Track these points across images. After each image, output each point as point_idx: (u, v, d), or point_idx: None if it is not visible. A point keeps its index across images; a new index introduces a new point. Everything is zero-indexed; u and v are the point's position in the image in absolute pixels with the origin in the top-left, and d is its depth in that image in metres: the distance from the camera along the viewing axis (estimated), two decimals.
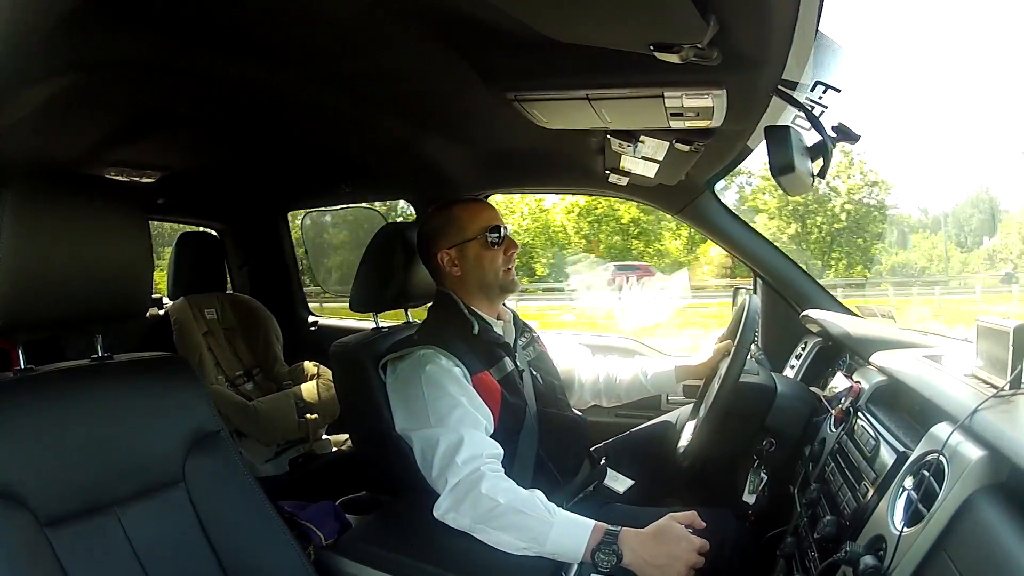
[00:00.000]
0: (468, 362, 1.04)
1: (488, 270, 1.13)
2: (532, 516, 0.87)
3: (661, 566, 0.84)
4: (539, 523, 0.86)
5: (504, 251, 1.14)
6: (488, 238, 1.13)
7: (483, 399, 1.02)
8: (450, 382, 1.00)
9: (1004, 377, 0.69)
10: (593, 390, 1.36)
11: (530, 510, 0.88)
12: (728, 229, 1.54)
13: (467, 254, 1.13)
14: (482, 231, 1.13)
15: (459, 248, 1.13)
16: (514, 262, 1.17)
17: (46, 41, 0.66)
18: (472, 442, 0.94)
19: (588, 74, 0.87)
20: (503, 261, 1.14)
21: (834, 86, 0.78)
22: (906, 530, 0.63)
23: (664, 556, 0.84)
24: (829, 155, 0.80)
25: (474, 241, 1.13)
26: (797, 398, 1.15)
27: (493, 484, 0.90)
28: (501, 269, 1.14)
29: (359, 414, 1.18)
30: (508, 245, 1.15)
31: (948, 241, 10.64)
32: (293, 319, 2.32)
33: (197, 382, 0.88)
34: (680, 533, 0.86)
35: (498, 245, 1.14)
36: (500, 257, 1.14)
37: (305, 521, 0.94)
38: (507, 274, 1.15)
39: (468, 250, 1.13)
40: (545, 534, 0.86)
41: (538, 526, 0.86)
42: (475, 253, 1.13)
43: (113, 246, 0.77)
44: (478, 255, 1.13)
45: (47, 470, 0.71)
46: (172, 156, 1.65)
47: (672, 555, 0.84)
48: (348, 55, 0.95)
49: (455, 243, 1.13)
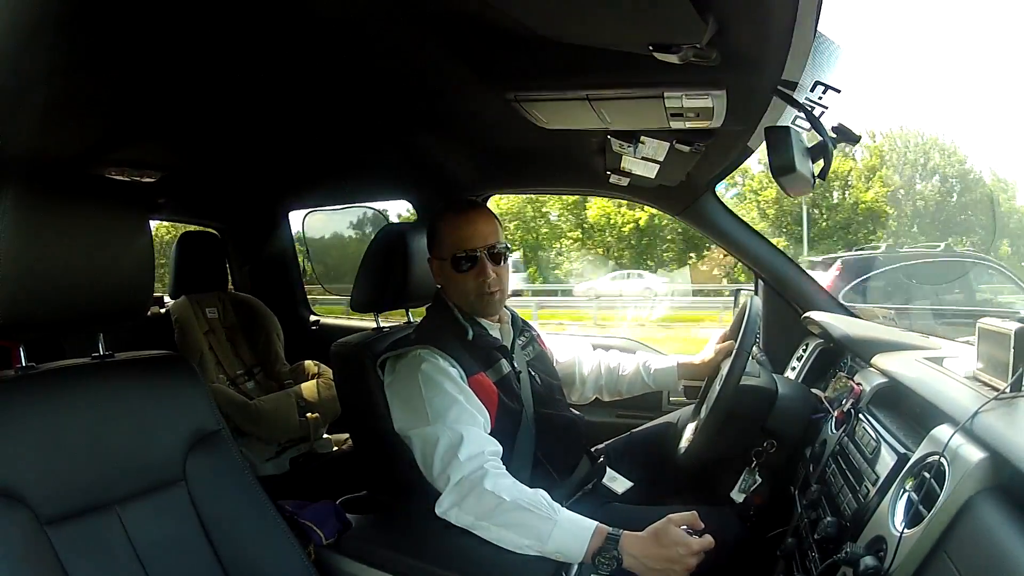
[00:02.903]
0: (464, 363, 1.04)
1: (458, 292, 1.10)
2: (535, 514, 0.87)
3: (661, 570, 0.83)
4: (542, 521, 0.86)
5: (475, 276, 1.07)
6: (454, 260, 1.07)
7: (480, 400, 1.02)
8: (447, 380, 1.00)
9: (1005, 379, 0.69)
10: (595, 384, 1.36)
11: (534, 508, 0.87)
12: (729, 230, 1.53)
13: (443, 271, 1.11)
14: (451, 252, 1.07)
15: (438, 262, 1.12)
16: (488, 288, 1.07)
17: (46, 41, 0.66)
18: (473, 439, 0.94)
19: (588, 74, 0.87)
20: (474, 286, 1.07)
21: (834, 86, 0.78)
22: (907, 531, 0.63)
23: (663, 560, 0.84)
24: (829, 155, 0.80)
25: (445, 261, 1.09)
26: (798, 399, 1.15)
27: (497, 481, 0.90)
28: (471, 294, 1.08)
29: (360, 413, 1.18)
30: (480, 271, 1.07)
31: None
32: (294, 318, 2.32)
33: (198, 381, 0.88)
34: (678, 537, 0.85)
35: (468, 270, 1.07)
36: (469, 281, 1.07)
37: (305, 520, 0.94)
38: (479, 299, 1.08)
39: (443, 267, 1.11)
40: (548, 533, 0.85)
41: (541, 524, 0.86)
42: (448, 272, 1.10)
43: (114, 246, 0.77)
44: (450, 275, 1.09)
45: (48, 468, 0.71)
46: (172, 156, 1.65)
47: (670, 559, 0.84)
48: (348, 55, 0.95)
49: (436, 256, 1.13)
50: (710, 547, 0.86)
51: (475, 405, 1.00)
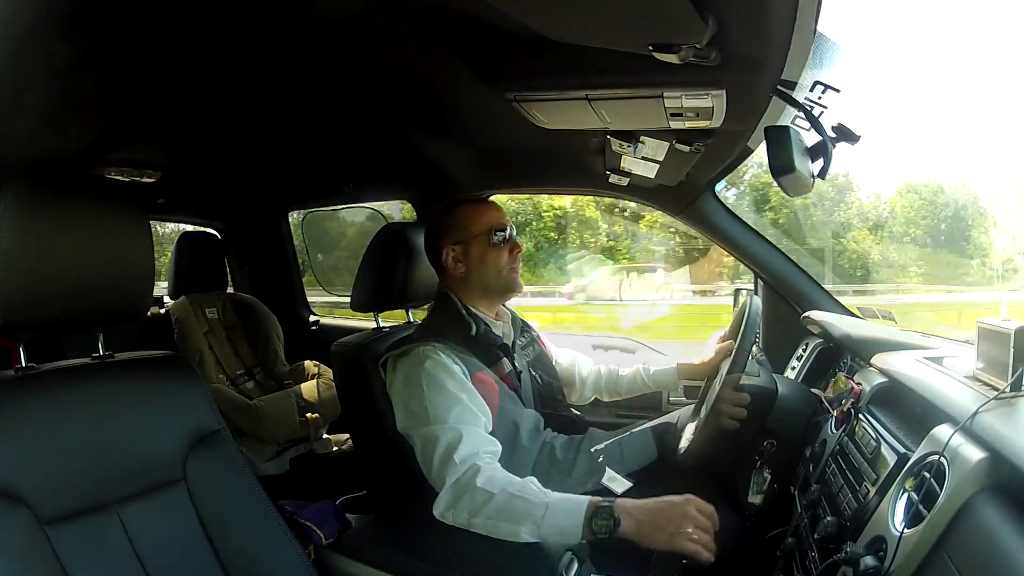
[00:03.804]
0: (467, 361, 1.04)
1: (492, 269, 1.14)
2: (527, 500, 0.86)
3: (662, 529, 0.81)
4: (534, 507, 0.86)
5: (509, 251, 1.15)
6: (493, 237, 1.13)
7: (482, 398, 1.02)
8: (449, 379, 1.00)
9: (1005, 379, 0.69)
10: (595, 385, 1.36)
11: (524, 494, 0.87)
12: (729, 230, 1.53)
13: (471, 252, 1.14)
14: (487, 230, 1.13)
15: (464, 245, 1.14)
16: (519, 263, 1.17)
17: (46, 41, 0.66)
18: (470, 439, 0.95)
19: (587, 74, 0.87)
20: (507, 260, 1.14)
21: (833, 86, 0.78)
22: (907, 531, 0.63)
23: (663, 517, 0.82)
24: (829, 155, 0.80)
25: (479, 239, 1.13)
26: (798, 399, 1.15)
27: (488, 476, 0.90)
28: (505, 268, 1.14)
29: (360, 413, 1.18)
30: (513, 246, 1.15)
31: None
32: (294, 318, 2.32)
33: (198, 381, 0.88)
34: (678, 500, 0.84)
35: (503, 245, 1.14)
36: (504, 256, 1.14)
37: (305, 520, 0.94)
38: (511, 273, 1.15)
39: (473, 248, 1.14)
40: (541, 516, 0.85)
41: (534, 510, 0.85)
42: (479, 251, 1.13)
43: (114, 246, 0.77)
44: (482, 253, 1.13)
45: (48, 468, 0.71)
46: (172, 156, 1.65)
47: (671, 518, 0.82)
48: (348, 55, 0.95)
49: (460, 240, 1.14)
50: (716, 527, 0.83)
51: (477, 404, 1.01)
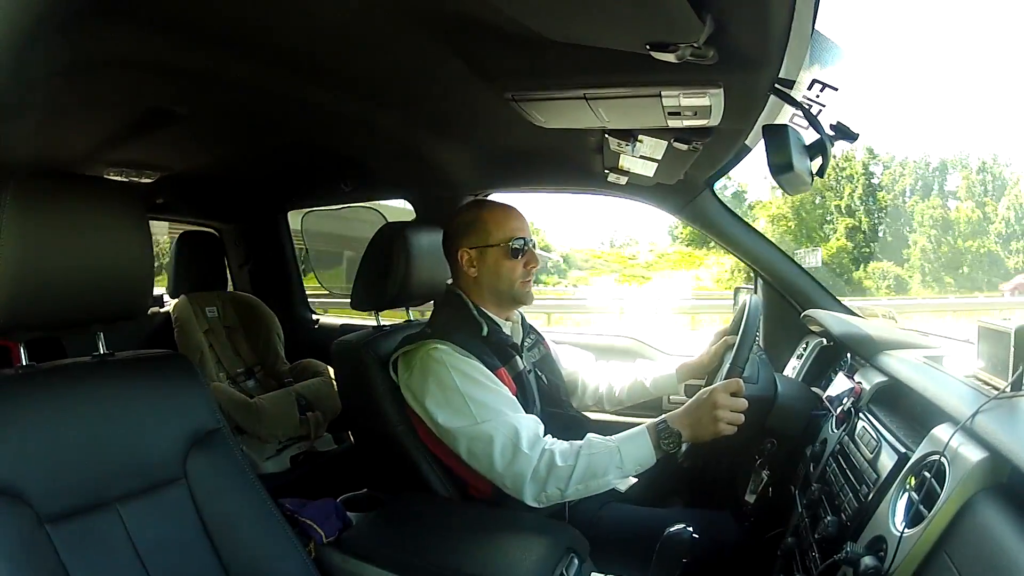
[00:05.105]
0: (484, 359, 1.06)
1: (505, 279, 1.14)
2: (601, 454, 0.98)
3: (712, 421, 0.97)
4: (609, 455, 0.98)
5: (524, 263, 1.15)
6: (511, 247, 1.13)
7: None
8: (478, 372, 1.03)
9: (1005, 378, 0.69)
10: (595, 396, 1.37)
11: (596, 450, 0.98)
12: (729, 228, 1.53)
13: (487, 258, 1.14)
14: (506, 239, 1.13)
15: (480, 251, 1.14)
16: (532, 276, 1.17)
17: (46, 41, 0.66)
18: (525, 427, 0.99)
19: (585, 74, 0.87)
20: (521, 273, 1.15)
21: (831, 84, 0.78)
22: (907, 531, 0.63)
23: (705, 412, 0.97)
24: (828, 153, 0.80)
25: (496, 247, 1.14)
26: (798, 398, 1.14)
27: (561, 452, 0.98)
28: (518, 280, 1.15)
29: (360, 412, 1.18)
30: (529, 258, 1.15)
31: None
32: (294, 317, 2.32)
33: (198, 380, 0.88)
34: (711, 397, 0.98)
35: (519, 256, 1.14)
36: (519, 268, 1.14)
37: (306, 519, 0.94)
38: (523, 286, 1.15)
39: (488, 254, 1.14)
40: (618, 460, 0.98)
41: (610, 458, 0.98)
42: (495, 259, 1.14)
43: (113, 246, 0.77)
44: (497, 261, 1.14)
45: (48, 467, 0.71)
46: (172, 156, 1.65)
47: (710, 407, 0.97)
48: (348, 55, 0.95)
49: (477, 244, 1.14)
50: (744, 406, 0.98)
51: (508, 391, 1.04)
